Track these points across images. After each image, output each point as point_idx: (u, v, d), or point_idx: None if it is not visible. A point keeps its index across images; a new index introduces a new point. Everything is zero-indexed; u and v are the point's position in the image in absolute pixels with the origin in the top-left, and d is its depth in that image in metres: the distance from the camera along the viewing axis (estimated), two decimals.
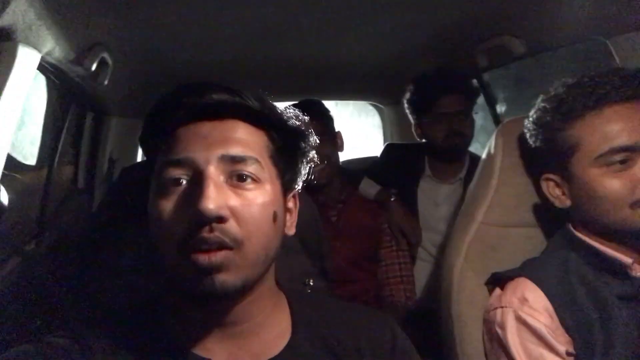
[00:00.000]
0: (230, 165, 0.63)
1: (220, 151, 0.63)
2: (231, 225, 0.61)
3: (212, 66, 1.81)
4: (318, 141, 0.74)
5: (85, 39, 1.26)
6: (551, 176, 1.01)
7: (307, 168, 0.75)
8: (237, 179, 0.63)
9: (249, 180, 0.64)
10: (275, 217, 0.66)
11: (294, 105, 0.76)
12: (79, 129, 1.83)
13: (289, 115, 0.71)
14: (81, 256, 1.01)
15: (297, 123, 0.72)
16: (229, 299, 0.65)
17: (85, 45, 1.26)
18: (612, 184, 0.90)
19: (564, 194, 0.99)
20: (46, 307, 1.11)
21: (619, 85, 0.91)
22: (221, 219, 0.60)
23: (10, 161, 1.20)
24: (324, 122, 1.71)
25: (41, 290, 1.20)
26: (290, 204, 0.73)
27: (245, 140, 0.65)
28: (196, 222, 0.59)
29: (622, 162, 0.90)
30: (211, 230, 0.59)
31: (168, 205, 0.62)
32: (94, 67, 1.31)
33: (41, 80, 1.52)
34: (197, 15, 1.35)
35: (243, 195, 0.63)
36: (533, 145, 1.03)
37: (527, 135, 1.05)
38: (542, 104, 1.00)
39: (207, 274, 0.60)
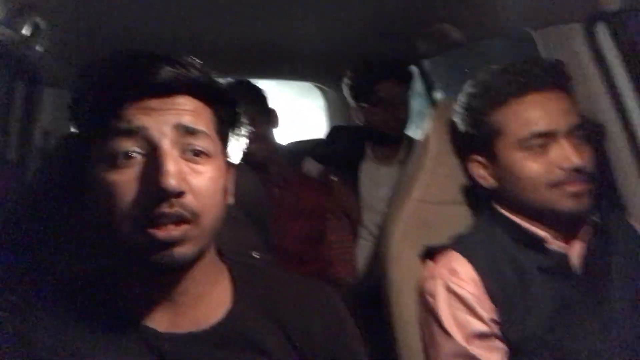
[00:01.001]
0: (184, 137, 0.63)
1: (174, 120, 0.63)
2: (189, 199, 0.62)
3: (153, 37, 1.76)
4: (253, 119, 0.76)
5: (19, 1, 1.19)
6: (477, 157, 1.07)
7: (244, 143, 0.77)
8: (191, 153, 0.64)
9: (202, 155, 0.65)
10: (224, 189, 0.68)
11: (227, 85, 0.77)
12: (9, 98, 1.73)
13: (226, 88, 0.72)
14: (17, 228, 0.98)
15: (233, 96, 0.73)
16: (182, 270, 0.66)
17: (16, 6, 1.19)
18: (531, 167, 0.98)
19: (489, 174, 1.06)
20: None
21: (539, 74, 0.99)
22: (180, 194, 0.61)
23: None
24: (257, 100, 1.72)
25: None
26: (230, 176, 0.74)
27: (195, 113, 0.66)
28: (156, 198, 0.60)
29: (541, 146, 0.97)
30: (171, 204, 0.60)
31: (119, 178, 0.61)
32: (24, 30, 1.23)
33: None
34: None
35: (197, 169, 0.64)
36: (461, 128, 1.10)
37: (456, 118, 1.11)
38: (470, 89, 1.06)
39: (165, 248, 0.61)
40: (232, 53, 2.02)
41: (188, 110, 0.65)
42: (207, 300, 0.72)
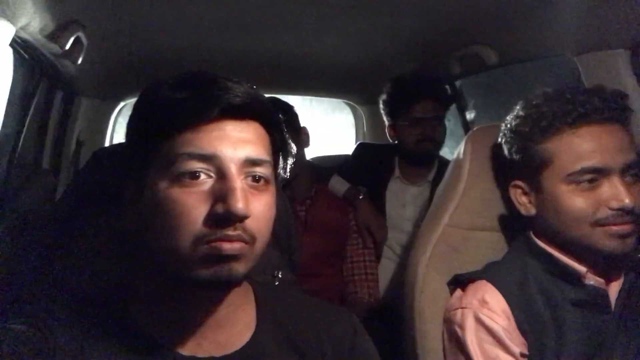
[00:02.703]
0: (250, 167, 0.65)
1: (244, 153, 0.64)
2: (250, 223, 0.63)
3: (187, 53, 1.79)
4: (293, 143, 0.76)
5: (61, 15, 1.23)
6: (520, 183, 1.02)
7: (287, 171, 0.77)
8: (252, 179, 0.65)
9: (262, 181, 0.66)
10: (276, 215, 0.70)
11: None
12: (48, 107, 1.78)
13: (280, 117, 0.73)
14: (45, 239, 0.99)
15: (283, 125, 0.73)
16: (229, 288, 0.67)
17: (61, 22, 1.23)
18: (577, 202, 0.92)
19: (530, 202, 1.01)
20: (5, 289, 1.08)
21: (598, 106, 0.92)
22: (245, 218, 0.62)
23: None
24: (288, 118, 1.72)
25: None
26: None
27: (260, 142, 0.67)
28: (223, 220, 0.61)
29: (590, 181, 0.92)
30: (235, 228, 0.62)
31: (186, 197, 0.62)
32: (68, 45, 1.27)
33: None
34: (178, 4, 1.34)
35: (257, 195, 0.65)
36: (506, 151, 1.04)
37: (502, 140, 1.05)
38: (521, 113, 1.00)
39: (225, 262, 0.62)
40: (264, 69, 2.04)
41: (256, 139, 0.66)
42: (232, 324, 0.71)
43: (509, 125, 1.03)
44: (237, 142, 0.64)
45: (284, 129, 0.73)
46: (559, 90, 0.97)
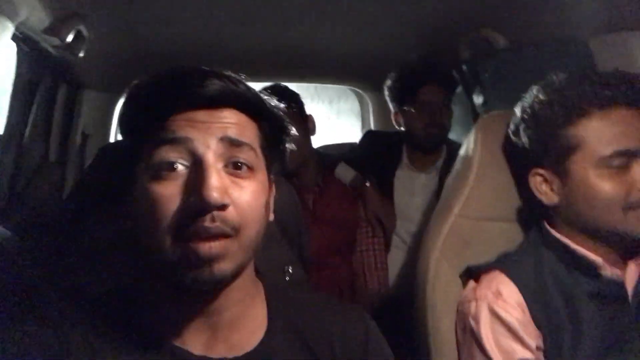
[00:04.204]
0: (228, 149, 0.63)
1: (219, 133, 0.62)
2: (231, 213, 0.61)
3: (190, 44, 1.77)
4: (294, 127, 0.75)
5: (61, 9, 1.21)
6: (541, 171, 0.99)
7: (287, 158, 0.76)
8: (234, 166, 0.63)
9: (244, 168, 0.64)
10: (266, 205, 0.67)
11: (263, 89, 0.77)
12: (51, 101, 1.77)
13: (274, 104, 0.71)
14: (55, 235, 0.98)
15: (280, 113, 0.72)
16: (220, 287, 0.65)
17: (60, 15, 1.21)
18: (608, 186, 0.90)
19: (552, 190, 0.98)
20: (15, 286, 1.08)
21: (627, 89, 0.91)
22: (223, 207, 0.60)
23: None
24: (294, 107, 1.70)
25: (9, 268, 1.17)
26: (272, 192, 0.73)
27: (240, 126, 0.65)
28: (198, 211, 0.59)
29: (621, 165, 0.90)
30: (213, 218, 0.59)
31: (162, 190, 0.60)
32: (69, 38, 1.26)
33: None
34: None
35: (239, 183, 0.63)
36: (525, 138, 1.00)
37: (519, 126, 1.02)
38: (543, 97, 0.97)
39: (205, 264, 0.59)
40: (268, 57, 2.01)
41: (233, 124, 0.64)
42: (244, 323, 0.70)
43: (528, 110, 0.99)
44: (210, 127, 0.63)
45: (274, 116, 0.71)
46: (582, 74, 0.95)
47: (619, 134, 0.90)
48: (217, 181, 0.59)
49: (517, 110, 1.03)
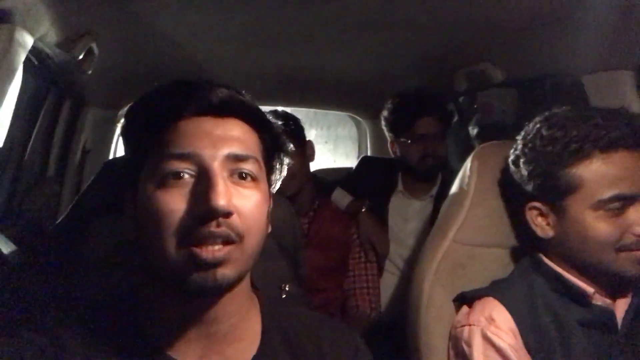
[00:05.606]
0: (234, 163, 0.65)
1: (226, 150, 0.65)
2: (235, 220, 0.63)
3: (196, 67, 1.81)
4: (293, 148, 0.77)
5: (77, 26, 1.24)
6: (537, 205, 1.00)
7: (285, 171, 0.78)
8: (239, 176, 0.66)
9: (248, 178, 0.66)
10: (268, 214, 0.70)
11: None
12: (55, 116, 1.79)
13: (273, 121, 0.75)
14: (55, 249, 0.99)
15: (279, 130, 0.75)
16: (221, 294, 0.66)
17: (76, 32, 1.24)
18: (603, 228, 0.91)
19: (548, 224, 0.99)
20: (12, 295, 1.08)
21: (630, 131, 0.91)
22: (229, 214, 0.62)
23: None
24: (294, 132, 1.72)
25: (6, 278, 1.17)
26: (270, 203, 0.75)
27: (245, 139, 0.68)
28: (205, 217, 0.61)
29: (618, 208, 0.91)
30: (218, 224, 0.61)
31: (169, 198, 0.62)
32: (81, 55, 1.29)
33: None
34: (188, 16, 1.36)
35: (243, 192, 0.65)
36: (524, 171, 1.00)
37: (519, 159, 1.01)
38: (545, 133, 0.97)
39: (209, 269, 0.61)
40: (272, 82, 2.06)
41: (239, 137, 0.67)
42: (238, 336, 0.71)
43: (529, 145, 0.99)
44: (218, 140, 0.65)
45: (274, 128, 0.73)
46: (584, 112, 0.96)
47: (618, 178, 0.90)
48: (223, 189, 0.61)
49: (519, 141, 1.03)
